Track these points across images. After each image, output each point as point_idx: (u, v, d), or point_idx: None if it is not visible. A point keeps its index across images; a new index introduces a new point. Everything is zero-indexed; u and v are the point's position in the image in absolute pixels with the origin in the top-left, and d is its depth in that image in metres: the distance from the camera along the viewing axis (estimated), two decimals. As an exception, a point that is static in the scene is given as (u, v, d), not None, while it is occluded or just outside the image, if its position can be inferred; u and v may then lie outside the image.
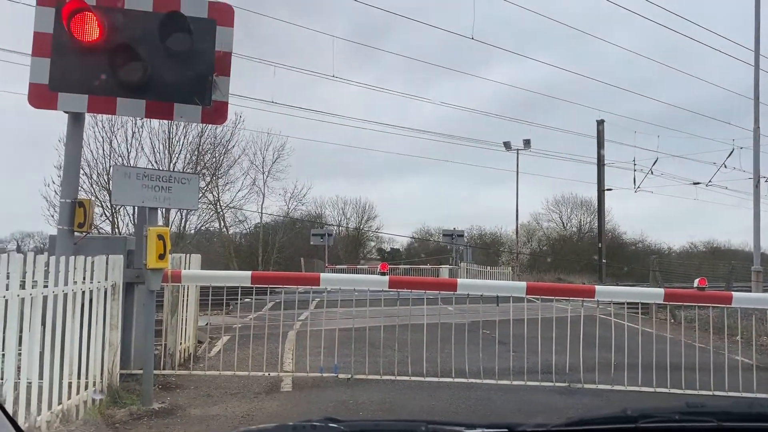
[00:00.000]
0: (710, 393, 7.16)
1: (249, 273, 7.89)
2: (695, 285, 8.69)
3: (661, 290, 9.03)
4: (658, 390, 7.40)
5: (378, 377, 7.64)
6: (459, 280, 8.89)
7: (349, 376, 7.90)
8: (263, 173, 38.40)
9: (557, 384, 7.36)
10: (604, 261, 36.63)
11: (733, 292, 9.04)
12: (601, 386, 7.47)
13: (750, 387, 7.66)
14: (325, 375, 7.75)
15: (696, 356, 9.80)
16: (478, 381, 7.43)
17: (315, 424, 1.39)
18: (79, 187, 7.27)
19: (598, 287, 9.09)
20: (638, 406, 1.54)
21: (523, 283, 8.96)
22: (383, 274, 8.36)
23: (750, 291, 15.68)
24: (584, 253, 46.21)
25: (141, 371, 6.58)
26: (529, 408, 6.18)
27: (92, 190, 27.08)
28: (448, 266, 43.54)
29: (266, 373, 7.64)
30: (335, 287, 8.42)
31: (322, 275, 8.72)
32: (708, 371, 8.60)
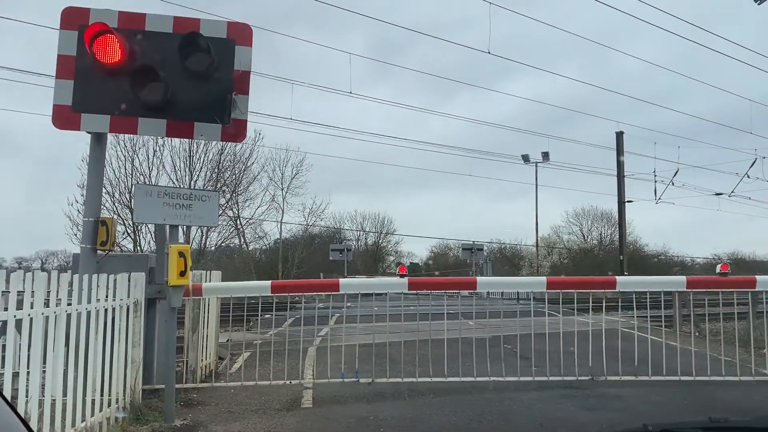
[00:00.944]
0: (735, 408, 7.02)
1: (269, 282, 7.91)
2: (717, 270, 8.52)
3: (683, 278, 8.82)
4: (684, 402, 7.26)
5: (399, 392, 7.61)
6: (478, 278, 8.79)
7: (370, 380, 7.90)
8: (282, 189, 38.66)
9: (576, 394, 7.26)
10: (626, 273, 36.19)
11: (756, 276, 8.82)
12: (622, 391, 7.35)
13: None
14: (346, 380, 7.75)
15: (722, 369, 9.64)
16: (499, 396, 7.36)
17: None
18: (102, 206, 7.37)
19: (618, 278, 8.89)
20: (659, 422, 1.52)
21: (543, 278, 8.79)
22: (402, 276, 8.27)
23: (776, 303, 15.37)
24: (605, 265, 45.69)
25: (163, 387, 6.63)
26: (551, 424, 6.10)
27: (114, 209, 27.43)
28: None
29: (287, 381, 7.65)
30: (354, 293, 8.33)
31: (342, 281, 8.67)
32: (733, 385, 8.45)
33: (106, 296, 6.01)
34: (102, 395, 5.88)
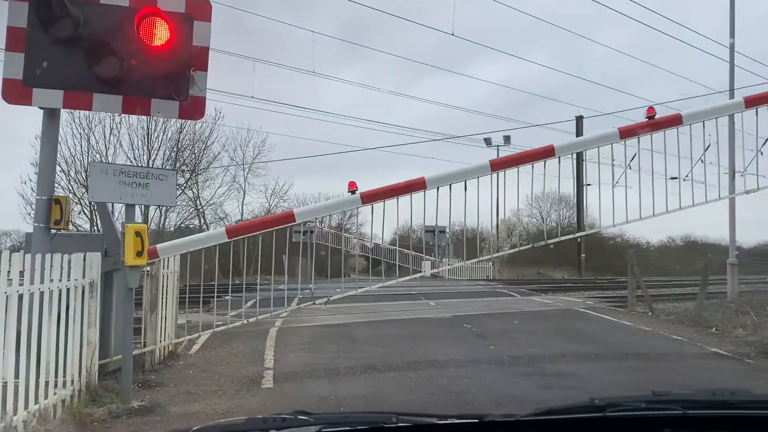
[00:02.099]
0: (684, 384, 7.28)
1: (223, 230, 7.85)
2: (645, 116, 8.81)
3: (615, 130, 9.00)
4: (636, 379, 7.49)
5: (359, 371, 7.67)
6: (426, 177, 8.51)
7: (326, 299, 8.09)
8: (243, 169, 38.19)
9: (533, 374, 7.43)
10: (583, 255, 36.99)
11: (681, 112, 9.17)
12: (578, 369, 7.53)
13: (720, 376, 7.81)
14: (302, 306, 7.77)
15: (674, 347, 9.97)
16: (457, 374, 7.48)
17: (285, 417, 1.40)
18: (56, 184, 7.17)
19: (556, 144, 8.88)
20: (606, 396, 1.57)
21: (486, 162, 8.71)
22: (353, 192, 8.13)
23: (726, 284, 15.94)
24: (564, 247, 46.56)
25: (120, 368, 6.54)
26: (507, 402, 6.23)
27: (70, 187, 26.76)
28: (430, 260, 43.61)
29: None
30: (311, 220, 8.17)
31: (296, 210, 8.53)
32: (684, 363, 8.76)
33: (61, 277, 5.88)
34: (56, 377, 5.77)
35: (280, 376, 7.53)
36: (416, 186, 8.40)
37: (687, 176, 9.38)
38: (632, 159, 9.10)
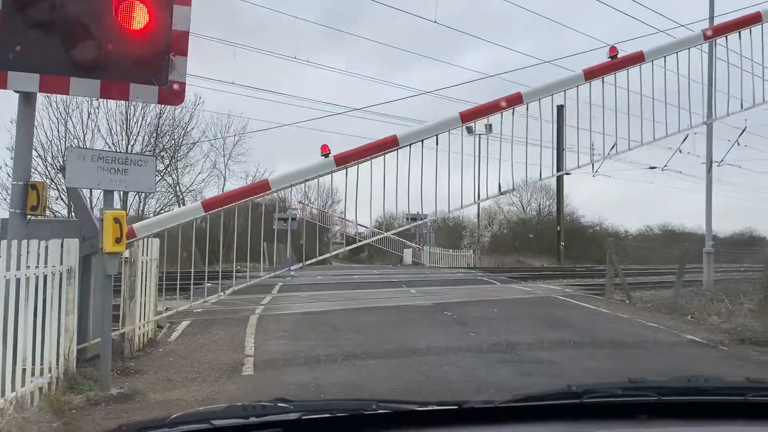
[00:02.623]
0: (659, 370, 7.41)
1: (198, 204, 7.78)
2: (608, 55, 8.91)
3: (580, 71, 9.08)
4: (613, 366, 7.61)
5: (340, 359, 7.69)
6: (399, 135, 8.48)
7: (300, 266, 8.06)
8: (224, 156, 37.87)
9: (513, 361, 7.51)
10: (562, 243, 37.34)
11: (644, 50, 9.29)
12: (556, 357, 7.62)
13: (695, 363, 7.96)
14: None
15: (650, 335, 10.13)
16: (438, 361, 7.53)
17: (265, 404, 1.41)
18: (33, 170, 7.07)
19: (523, 92, 8.92)
20: (582, 383, 1.59)
21: (456, 114, 8.67)
22: (326, 155, 8.04)
23: (702, 272, 16.21)
24: (543, 235, 46.96)
25: (98, 355, 6.49)
26: (487, 388, 6.29)
27: (47, 173, 26.35)
28: (412, 248, 43.80)
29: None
30: (286, 187, 8.09)
31: (271, 178, 8.43)
32: (660, 350, 8.91)
33: (37, 263, 5.80)
34: (33, 365, 5.71)
35: (260, 364, 7.52)
36: (389, 144, 8.36)
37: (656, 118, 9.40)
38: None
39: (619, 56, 8.96)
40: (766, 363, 8.08)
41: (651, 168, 34.44)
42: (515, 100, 8.77)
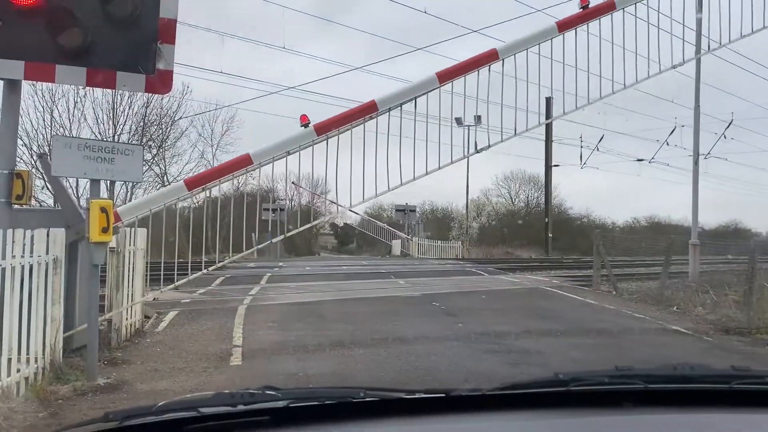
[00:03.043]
0: (645, 360, 7.48)
1: (181, 183, 7.72)
2: (579, 6, 8.97)
3: (553, 23, 9.11)
4: (600, 357, 7.68)
5: (328, 349, 7.70)
6: (376, 99, 8.46)
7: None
8: (212, 146, 37.66)
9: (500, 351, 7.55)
10: (550, 235, 37.52)
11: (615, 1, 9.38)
12: (543, 347, 7.68)
13: (680, 353, 8.04)
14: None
15: (634, 325, 10.22)
16: (425, 351, 7.56)
17: (253, 392, 1.40)
18: (18, 159, 6.99)
19: (499, 47, 8.93)
20: (569, 371, 1.60)
21: (433, 74, 8.68)
22: (305, 125, 7.97)
23: (688, 264, 16.35)
24: (531, 227, 47.16)
25: (85, 345, 6.46)
26: (475, 378, 6.33)
27: (33, 162, 26.09)
28: (400, 239, 43.82)
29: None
30: (268, 162, 8.01)
31: (252, 152, 8.35)
32: (646, 341, 8.99)
33: (23, 253, 5.75)
34: (19, 354, 5.67)
35: (248, 354, 7.52)
36: (368, 109, 8.34)
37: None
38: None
39: (591, 5, 8.95)
40: (750, 353, 8.18)
41: (638, 160, 34.70)
42: (491, 57, 8.74)
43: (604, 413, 1.45)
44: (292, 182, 43.42)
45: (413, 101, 8.53)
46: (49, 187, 26.14)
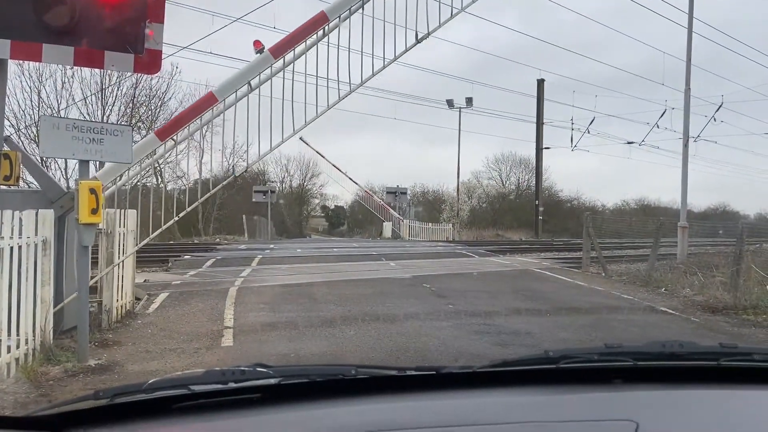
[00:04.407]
0: (633, 340, 7.56)
1: (152, 134, 7.72)
2: (255, 51, 8.88)
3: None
4: (589, 337, 7.75)
5: (319, 330, 7.73)
6: (325, 9, 8.45)
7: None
8: (201, 127, 37.38)
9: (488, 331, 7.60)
10: (541, 217, 37.67)
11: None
12: (533, 328, 7.74)
13: (667, 333, 8.12)
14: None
15: (622, 306, 10.31)
16: (416, 332, 7.60)
17: (244, 369, 1.40)
18: (5, 139, 6.91)
19: (326, 8, 8.71)
20: (559, 348, 1.61)
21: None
22: (260, 51, 7.86)
23: (676, 246, 16.48)
24: (522, 209, 47.33)
25: (75, 326, 6.44)
26: (465, 359, 6.38)
27: (20, 143, 25.82)
28: (391, 221, 43.88)
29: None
30: (231, 94, 7.94)
31: (214, 90, 8.29)
32: (634, 321, 9.08)
33: (12, 234, 5.71)
34: (9, 336, 5.65)
35: (240, 335, 7.53)
36: (319, 21, 8.27)
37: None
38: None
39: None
40: (736, 333, 8.28)
41: (629, 143, 34.79)
42: (321, 21, 8.53)
43: (593, 390, 1.46)
44: (300, 138, 43.20)
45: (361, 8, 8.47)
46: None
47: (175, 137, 8.20)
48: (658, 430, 1.22)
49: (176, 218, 8.29)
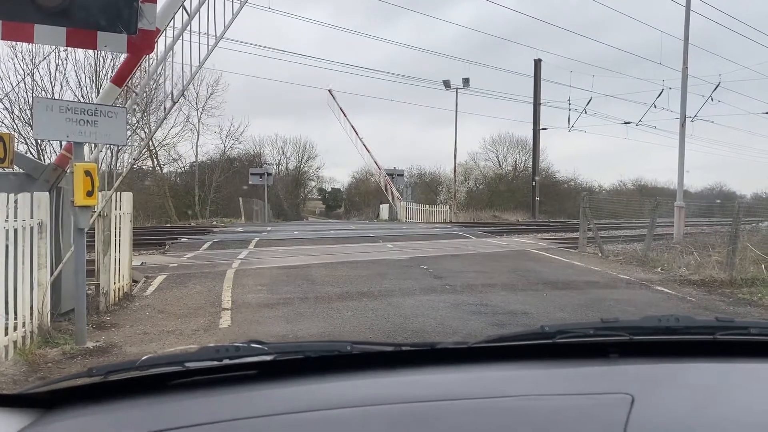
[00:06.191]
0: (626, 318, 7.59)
1: (110, 84, 7.59)
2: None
3: None
4: (585, 317, 7.78)
5: (317, 311, 7.74)
6: None
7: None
8: (197, 109, 37.23)
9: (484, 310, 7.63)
10: (537, 198, 37.67)
11: None
12: (529, 308, 7.77)
13: (663, 312, 8.17)
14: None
15: (618, 286, 10.35)
16: (414, 313, 7.62)
17: (239, 345, 1.40)
18: (0, 123, 6.85)
19: None
20: (555, 323, 1.61)
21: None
22: None
23: (673, 226, 16.52)
24: (518, 190, 47.33)
25: (73, 309, 6.44)
26: (462, 337, 6.41)
27: (14, 126, 25.68)
28: (388, 204, 43.86)
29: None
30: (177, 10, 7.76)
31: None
32: (631, 301, 9.12)
33: (7, 217, 5.68)
34: (7, 319, 5.65)
35: (237, 317, 7.55)
36: None
37: None
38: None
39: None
40: (732, 312, 8.32)
41: (626, 123, 34.70)
42: None
43: (589, 364, 1.46)
44: (328, 89, 43.05)
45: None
46: (33, 151, 25.77)
47: (129, 83, 8.05)
48: (654, 403, 1.21)
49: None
